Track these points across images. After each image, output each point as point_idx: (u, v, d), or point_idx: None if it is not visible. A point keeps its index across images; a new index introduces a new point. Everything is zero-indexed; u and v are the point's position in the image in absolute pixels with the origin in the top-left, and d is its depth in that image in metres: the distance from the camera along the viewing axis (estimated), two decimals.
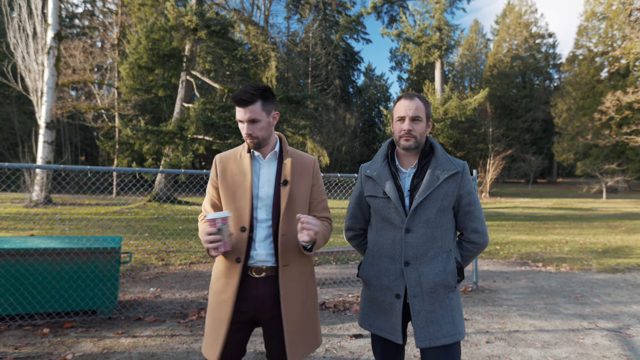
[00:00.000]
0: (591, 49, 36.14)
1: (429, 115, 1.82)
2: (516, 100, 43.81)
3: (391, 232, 1.80)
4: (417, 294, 1.73)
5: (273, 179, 1.77)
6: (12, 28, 16.32)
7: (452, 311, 1.75)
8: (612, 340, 3.70)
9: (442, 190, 1.75)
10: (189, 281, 5.49)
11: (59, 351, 3.14)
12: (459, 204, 1.82)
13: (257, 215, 1.73)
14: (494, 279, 6.13)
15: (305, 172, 1.82)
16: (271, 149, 1.80)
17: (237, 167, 1.79)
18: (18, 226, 9.51)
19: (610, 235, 11.21)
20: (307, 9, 42.39)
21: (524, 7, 46.61)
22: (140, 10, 18.64)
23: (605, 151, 32.46)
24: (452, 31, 33.10)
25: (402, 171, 1.84)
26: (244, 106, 1.68)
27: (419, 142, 1.78)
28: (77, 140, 32.70)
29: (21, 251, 3.60)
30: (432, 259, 1.75)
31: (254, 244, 1.73)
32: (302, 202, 1.79)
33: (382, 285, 1.81)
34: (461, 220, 1.85)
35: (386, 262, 1.82)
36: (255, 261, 1.72)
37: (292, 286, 1.72)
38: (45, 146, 15.25)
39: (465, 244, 1.86)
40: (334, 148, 35.98)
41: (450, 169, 1.78)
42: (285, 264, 1.71)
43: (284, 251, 1.70)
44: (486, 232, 1.86)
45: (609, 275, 6.47)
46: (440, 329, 1.71)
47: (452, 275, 1.75)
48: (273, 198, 1.73)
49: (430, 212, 1.74)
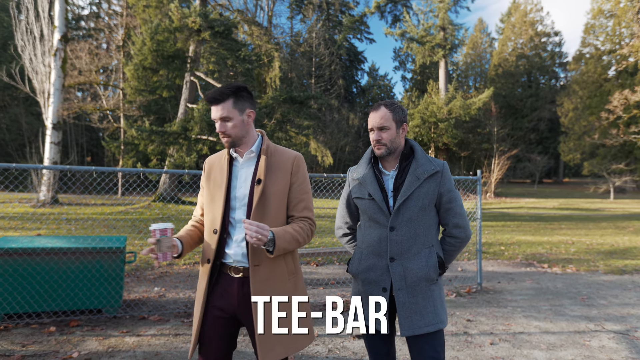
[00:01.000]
0: (598, 47, 35.86)
1: (400, 119, 1.92)
2: (521, 100, 43.51)
3: (377, 231, 1.92)
4: (402, 287, 1.85)
5: (250, 178, 1.75)
6: (20, 30, 16.46)
7: (434, 302, 1.87)
8: (619, 342, 3.66)
9: (422, 189, 1.87)
10: (193, 281, 5.51)
11: (65, 349, 3.17)
12: (440, 202, 1.93)
13: (234, 216, 1.74)
14: (498, 280, 6.10)
15: (282, 170, 1.77)
16: (249, 147, 1.78)
17: (219, 169, 1.81)
18: (25, 226, 9.60)
19: (618, 236, 11.12)
20: (311, 9, 42.41)
21: (529, 5, 46.29)
22: (145, 12, 18.74)
23: (612, 151, 32.15)
24: (456, 30, 33.01)
25: (385, 173, 1.96)
26: (215, 104, 1.70)
27: (390, 149, 1.90)
28: (83, 141, 32.93)
29: (28, 250, 3.64)
30: (415, 254, 1.87)
31: (229, 244, 1.73)
32: (278, 201, 1.74)
33: (370, 279, 1.92)
34: (443, 217, 1.96)
35: (373, 259, 1.93)
36: (232, 261, 1.73)
37: (263, 286, 1.67)
38: (52, 147, 15.37)
39: (448, 239, 1.98)
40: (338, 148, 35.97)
41: (429, 170, 1.88)
42: (256, 263, 1.67)
43: (254, 251, 1.67)
44: (468, 226, 1.97)
45: (616, 276, 6.41)
46: (422, 318, 1.83)
47: (433, 269, 1.87)
48: (248, 197, 1.73)
49: (412, 211, 1.86)
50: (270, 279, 1.71)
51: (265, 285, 1.69)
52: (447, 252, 1.99)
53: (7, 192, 18.64)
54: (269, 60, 20.22)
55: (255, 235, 1.53)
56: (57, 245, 3.77)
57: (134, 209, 15.19)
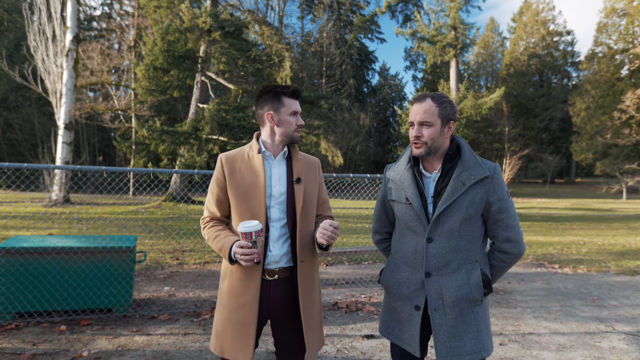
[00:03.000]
0: (611, 46, 35.30)
1: (446, 116, 1.66)
2: (533, 99, 43.04)
3: (413, 240, 1.72)
4: (439, 307, 1.64)
5: (285, 177, 1.79)
6: (32, 31, 16.73)
7: (477, 326, 1.64)
8: (630, 344, 3.61)
9: (467, 197, 1.62)
10: (202, 280, 5.55)
11: (75, 348, 3.21)
12: (489, 212, 1.67)
13: (270, 215, 1.74)
14: (508, 280, 6.04)
15: (313, 172, 1.88)
16: (281, 148, 1.84)
17: (246, 167, 1.78)
18: (37, 225, 9.75)
19: (630, 236, 10.94)
20: (321, 9, 42.40)
21: (541, 4, 45.76)
22: (156, 12, 18.91)
23: (625, 150, 31.66)
24: (467, 30, 32.68)
25: (426, 175, 1.73)
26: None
27: (430, 148, 1.66)
28: (94, 141, 33.36)
29: (40, 250, 3.70)
30: (455, 270, 1.64)
31: (268, 245, 1.74)
32: (314, 200, 1.84)
33: (402, 294, 1.74)
34: (491, 229, 1.71)
35: (407, 271, 1.74)
36: (268, 262, 1.73)
37: (308, 282, 1.79)
38: (64, 147, 15.59)
39: (498, 254, 1.73)
40: (348, 148, 35.93)
41: (477, 174, 1.62)
42: (302, 260, 1.77)
43: (302, 248, 1.76)
44: (521, 241, 1.70)
45: (627, 277, 6.32)
46: (463, 345, 1.61)
47: (476, 288, 1.63)
48: (287, 196, 1.75)
49: (454, 221, 1.62)
50: (312, 276, 1.82)
51: (309, 281, 1.80)
52: (495, 269, 1.75)
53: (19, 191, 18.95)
54: (280, 60, 20.24)
55: (334, 239, 1.66)
56: (68, 244, 3.81)
57: (144, 209, 15.35)
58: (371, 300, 4.85)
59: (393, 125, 46.28)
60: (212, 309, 4.26)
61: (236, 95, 19.38)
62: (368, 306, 4.55)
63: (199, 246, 8.11)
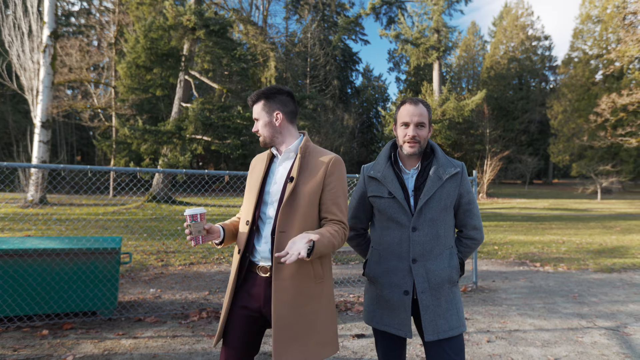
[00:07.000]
0: (586, 51, 36.31)
1: (431, 119, 1.92)
2: (513, 102, 43.97)
3: (397, 231, 1.87)
4: (425, 289, 1.81)
5: (285, 176, 1.78)
6: (7, 26, 16.20)
7: (456, 304, 1.86)
8: (611, 338, 3.73)
9: (444, 190, 1.84)
10: (189, 282, 5.47)
11: (59, 353, 3.12)
12: (460, 203, 1.91)
13: (265, 211, 1.75)
14: (493, 278, 6.15)
15: (316, 170, 1.75)
16: (286, 146, 1.82)
17: (260, 166, 1.89)
18: (13, 226, 9.45)
19: (606, 235, 11.27)
20: (306, 9, 42.37)
21: (520, 9, 46.80)
22: (139, 9, 18.56)
23: (600, 152, 32.61)
24: (449, 33, 33.19)
25: (405, 172, 1.91)
26: (250, 106, 1.91)
27: (422, 147, 1.87)
28: (73, 140, 32.52)
29: (20, 252, 3.57)
30: (437, 255, 1.83)
31: (259, 240, 1.74)
32: (308, 200, 1.71)
33: (391, 282, 1.87)
34: (461, 218, 1.94)
35: (393, 260, 1.88)
36: (259, 258, 1.73)
37: (284, 285, 1.65)
38: (40, 145, 15.16)
39: (465, 240, 1.97)
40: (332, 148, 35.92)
41: (451, 170, 1.86)
42: (279, 261, 1.63)
43: (279, 249, 1.65)
44: (482, 228, 2.00)
45: (605, 274, 6.51)
46: (447, 322, 1.80)
47: (455, 270, 1.86)
48: (280, 194, 1.74)
49: (435, 211, 1.83)
50: (293, 279, 1.67)
51: (287, 285, 1.66)
52: (463, 254, 1.97)
53: None
54: (265, 60, 20.17)
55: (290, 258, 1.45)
56: (50, 246, 3.69)
57: (126, 210, 15.04)
58: (360, 299, 4.87)
59: (376, 126, 46.53)
60: (200, 311, 4.20)
61: (220, 94, 19.21)
62: (357, 305, 4.56)
63: (184, 247, 7.99)
